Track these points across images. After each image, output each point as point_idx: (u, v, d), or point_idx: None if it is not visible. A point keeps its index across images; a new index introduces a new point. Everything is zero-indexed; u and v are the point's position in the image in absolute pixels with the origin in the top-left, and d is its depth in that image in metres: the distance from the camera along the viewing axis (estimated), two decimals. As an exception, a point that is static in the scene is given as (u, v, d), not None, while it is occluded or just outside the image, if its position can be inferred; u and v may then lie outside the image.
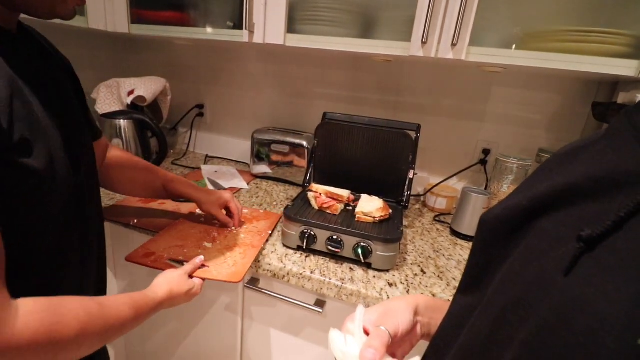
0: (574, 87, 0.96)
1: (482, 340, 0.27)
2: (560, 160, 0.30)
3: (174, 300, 0.56)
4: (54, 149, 0.41)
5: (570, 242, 0.22)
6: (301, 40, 0.88)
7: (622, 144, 0.25)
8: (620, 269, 0.19)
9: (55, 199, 0.42)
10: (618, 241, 0.20)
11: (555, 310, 0.21)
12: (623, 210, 0.20)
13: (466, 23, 0.72)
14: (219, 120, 1.40)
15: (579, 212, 0.24)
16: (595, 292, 0.19)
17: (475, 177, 1.10)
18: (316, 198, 0.79)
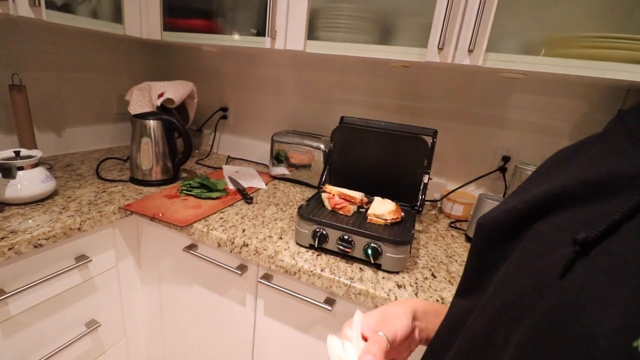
0: (600, 94, 0.93)
1: (478, 341, 0.27)
2: (556, 164, 0.30)
3: None
4: None
5: (565, 245, 0.23)
6: (320, 46, 0.91)
7: (616, 147, 0.26)
8: (614, 273, 0.20)
9: None
10: (613, 244, 0.21)
11: (550, 313, 0.21)
12: (618, 213, 0.21)
13: (483, 29, 0.72)
14: (241, 123, 1.45)
15: (575, 216, 0.24)
16: (589, 296, 0.20)
17: (494, 185, 1.08)
18: (329, 199, 0.81)
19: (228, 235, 0.78)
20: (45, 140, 1.16)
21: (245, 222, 0.85)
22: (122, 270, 0.93)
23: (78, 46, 1.19)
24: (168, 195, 0.95)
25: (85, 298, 0.85)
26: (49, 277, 0.74)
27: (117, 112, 1.38)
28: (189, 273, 0.90)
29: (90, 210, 0.81)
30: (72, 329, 0.84)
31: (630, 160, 0.23)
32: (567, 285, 0.22)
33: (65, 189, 0.91)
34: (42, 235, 0.70)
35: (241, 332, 0.87)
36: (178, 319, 0.98)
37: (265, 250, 0.73)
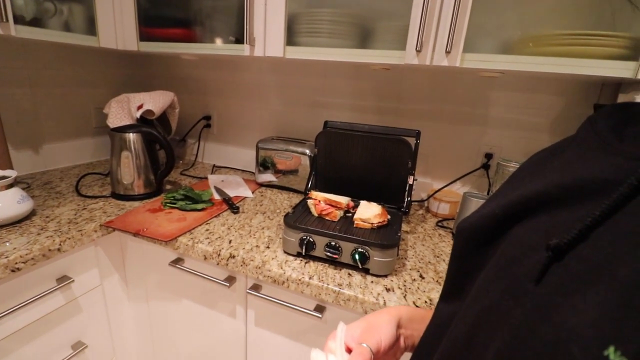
0: (576, 89, 0.95)
1: (459, 347, 0.27)
2: (532, 168, 0.31)
3: None
4: None
5: (541, 250, 0.23)
6: (300, 52, 0.91)
7: (588, 151, 0.26)
8: (586, 278, 0.20)
9: None
10: (585, 250, 0.21)
11: (526, 319, 0.21)
12: (588, 219, 0.21)
13: (459, 30, 0.73)
14: (225, 131, 1.44)
15: (550, 220, 0.25)
16: (563, 302, 0.20)
17: (478, 182, 1.10)
18: (315, 205, 0.80)
19: (214, 247, 0.76)
20: (22, 159, 1.12)
21: (232, 232, 0.84)
22: (107, 289, 0.91)
23: (52, 60, 1.16)
24: (151, 209, 0.93)
25: (69, 319, 0.83)
26: (30, 300, 0.71)
27: (96, 126, 1.34)
28: (176, 287, 0.89)
29: (70, 229, 0.79)
30: (58, 352, 0.81)
31: (601, 164, 0.23)
32: (542, 290, 0.22)
33: (44, 209, 0.88)
34: (19, 258, 0.67)
35: (233, 344, 0.85)
36: (168, 335, 0.96)
37: (253, 261, 0.72)
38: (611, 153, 0.23)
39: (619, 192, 0.20)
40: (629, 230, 0.19)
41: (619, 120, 0.26)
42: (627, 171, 0.21)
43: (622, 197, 0.20)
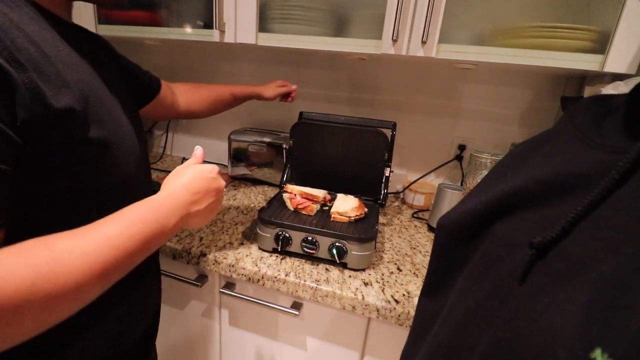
0: (543, 82, 0.98)
1: (444, 350, 0.27)
2: (512, 163, 0.30)
3: (199, 204, 0.45)
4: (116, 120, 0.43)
5: (523, 248, 0.22)
6: (273, 39, 0.87)
7: (567, 145, 0.25)
8: (571, 276, 0.19)
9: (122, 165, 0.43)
10: (568, 246, 0.20)
11: (511, 320, 0.21)
12: (570, 215, 0.20)
13: (435, 20, 0.72)
14: (195, 122, 1.37)
15: (532, 216, 0.24)
16: (548, 302, 0.19)
17: (452, 173, 1.11)
18: (291, 199, 0.78)
19: (184, 245, 0.72)
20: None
21: (203, 229, 0.80)
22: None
23: None
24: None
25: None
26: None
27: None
28: (144, 288, 0.83)
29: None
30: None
31: (581, 159, 0.23)
32: (526, 290, 0.21)
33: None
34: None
35: (207, 345, 0.82)
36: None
37: (226, 259, 0.69)
38: (590, 147, 0.23)
39: (601, 186, 0.20)
40: (610, 226, 0.19)
41: (596, 113, 0.25)
42: (607, 165, 0.20)
43: (603, 192, 0.19)
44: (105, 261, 0.32)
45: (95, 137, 0.38)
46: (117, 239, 0.34)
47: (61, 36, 0.39)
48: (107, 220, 0.35)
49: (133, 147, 0.46)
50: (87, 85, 0.39)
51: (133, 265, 0.36)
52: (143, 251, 0.37)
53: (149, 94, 0.68)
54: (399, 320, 0.60)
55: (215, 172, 0.49)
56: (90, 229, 0.34)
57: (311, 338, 0.71)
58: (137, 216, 0.37)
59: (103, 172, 0.40)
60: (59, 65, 0.35)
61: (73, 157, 0.37)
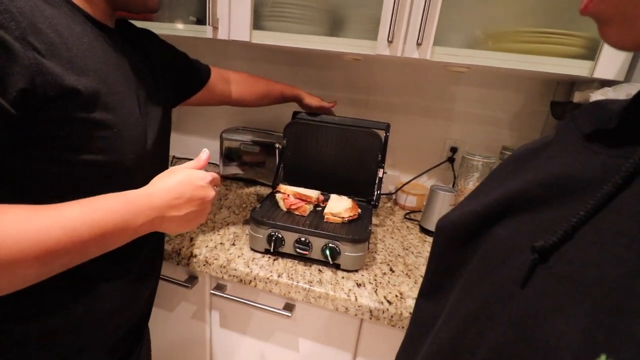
0: (534, 87, 0.99)
1: (444, 354, 0.26)
2: (513, 166, 0.30)
3: (177, 210, 0.44)
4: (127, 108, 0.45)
5: (525, 251, 0.22)
6: (267, 37, 0.85)
7: (569, 148, 0.25)
8: (574, 280, 0.19)
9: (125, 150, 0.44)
10: (571, 251, 0.20)
11: (513, 325, 0.21)
12: (573, 219, 0.20)
13: (430, 23, 0.73)
14: (187, 120, 1.34)
15: (533, 220, 0.24)
16: (552, 307, 0.19)
17: (444, 175, 1.12)
18: (284, 199, 0.77)
19: (173, 246, 0.71)
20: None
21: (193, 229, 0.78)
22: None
23: None
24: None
25: None
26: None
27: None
28: (132, 289, 0.81)
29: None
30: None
31: (583, 162, 0.23)
32: (529, 294, 0.21)
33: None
34: None
35: (197, 347, 0.80)
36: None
37: (217, 260, 0.68)
38: (593, 151, 0.23)
39: (604, 190, 0.19)
40: (614, 230, 0.19)
41: (599, 117, 0.25)
42: (610, 169, 0.20)
43: (606, 196, 0.19)
44: (50, 242, 0.32)
45: (96, 119, 0.40)
46: (74, 221, 0.34)
47: (94, 34, 0.43)
48: (73, 203, 0.36)
49: (137, 137, 0.46)
50: (101, 75, 0.41)
51: (86, 256, 0.36)
52: (99, 243, 0.36)
53: (197, 84, 0.72)
54: (392, 321, 0.60)
55: (206, 180, 0.48)
56: (53, 207, 0.34)
57: (304, 339, 0.71)
58: (104, 205, 0.37)
59: (99, 151, 0.41)
60: (76, 52, 0.39)
61: (70, 132, 0.39)
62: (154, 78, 0.56)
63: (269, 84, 0.89)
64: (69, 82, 0.37)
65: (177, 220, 0.44)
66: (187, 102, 0.73)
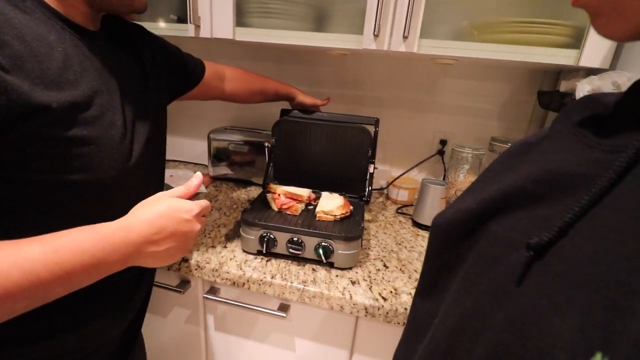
0: (521, 77, 1.00)
1: (441, 353, 0.26)
2: (508, 161, 0.30)
3: (157, 246, 0.40)
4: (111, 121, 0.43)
5: (520, 248, 0.22)
6: (251, 34, 0.84)
7: (563, 143, 0.25)
8: (569, 277, 0.19)
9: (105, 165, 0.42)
10: (566, 247, 0.20)
11: (509, 323, 0.20)
12: (568, 215, 0.20)
13: (416, 15, 0.72)
14: (173, 121, 1.30)
15: (528, 216, 0.24)
16: (547, 305, 0.19)
17: (435, 168, 1.13)
18: (275, 199, 0.76)
19: (163, 251, 0.69)
20: None
21: (184, 233, 0.77)
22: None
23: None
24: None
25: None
26: None
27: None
28: (122, 297, 0.80)
29: None
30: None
31: (577, 157, 0.23)
32: (524, 292, 0.21)
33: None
34: None
35: (192, 352, 0.79)
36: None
37: (209, 264, 0.66)
38: (587, 145, 0.23)
39: (598, 185, 0.19)
40: (609, 226, 0.18)
41: (593, 112, 0.25)
42: (604, 164, 0.20)
43: (601, 191, 0.19)
44: (8, 286, 0.29)
45: (72, 135, 0.38)
46: (34, 263, 0.31)
47: (71, 40, 0.40)
48: (33, 240, 0.33)
49: (120, 151, 0.44)
50: (78, 87, 0.39)
51: (51, 297, 0.33)
52: (64, 284, 0.33)
53: (191, 81, 0.71)
54: (387, 317, 0.60)
55: (192, 213, 0.44)
56: (10, 245, 0.31)
57: (300, 339, 0.70)
58: (70, 243, 0.34)
59: (76, 170, 0.39)
60: (47, 65, 0.36)
61: (43, 151, 0.36)
62: (143, 81, 0.53)
63: (263, 81, 0.87)
64: (38, 98, 0.34)
65: (155, 256, 0.41)
66: (181, 98, 0.72)
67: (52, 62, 0.37)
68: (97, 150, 0.40)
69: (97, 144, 0.40)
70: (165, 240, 0.41)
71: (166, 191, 0.46)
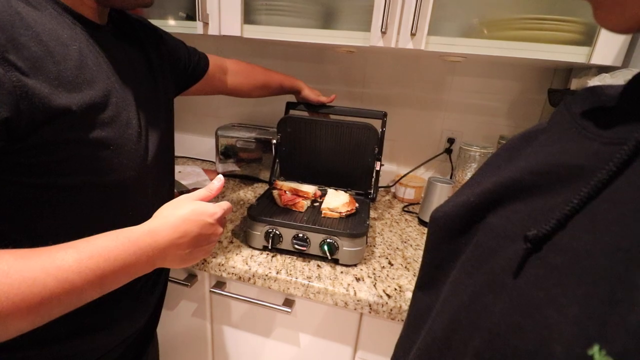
0: (531, 75, 0.98)
1: (438, 345, 0.26)
2: (506, 154, 0.30)
3: (181, 249, 0.41)
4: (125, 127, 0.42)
5: (518, 240, 0.22)
6: (259, 31, 0.84)
7: (563, 135, 0.25)
8: (567, 270, 0.19)
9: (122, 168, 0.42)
10: (564, 240, 0.20)
11: (505, 315, 0.20)
12: (567, 207, 0.20)
13: (424, 12, 0.71)
14: (181, 118, 1.33)
15: (526, 208, 0.23)
16: (544, 297, 0.19)
17: (442, 166, 1.12)
18: (281, 196, 0.76)
19: (171, 245, 0.70)
20: None
21: (191, 228, 0.78)
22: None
23: None
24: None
25: None
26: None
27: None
28: (131, 289, 0.81)
29: None
30: None
31: (577, 149, 0.22)
32: (521, 284, 0.21)
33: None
34: None
35: (199, 345, 0.81)
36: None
37: (215, 258, 0.67)
38: (587, 138, 0.22)
39: (597, 178, 0.19)
40: (608, 219, 0.18)
41: (594, 104, 0.25)
42: (604, 156, 0.20)
43: (600, 184, 0.19)
44: (44, 294, 0.29)
45: (93, 138, 0.37)
46: (68, 271, 0.31)
47: (84, 36, 0.39)
48: (67, 247, 0.33)
49: (138, 151, 0.44)
50: (95, 86, 0.38)
51: (83, 302, 0.33)
52: (96, 289, 0.34)
53: (195, 75, 0.69)
54: (391, 314, 0.60)
55: (215, 217, 0.44)
56: (45, 253, 0.31)
57: (304, 334, 0.71)
58: (102, 249, 0.34)
59: (97, 172, 0.39)
60: (64, 65, 0.35)
61: (64, 156, 0.36)
62: (151, 76, 0.52)
63: (267, 74, 0.86)
64: (59, 101, 0.33)
65: (179, 258, 0.42)
66: (185, 93, 0.71)
67: (68, 61, 0.36)
68: (116, 151, 0.40)
69: (116, 144, 0.40)
70: (189, 243, 0.41)
71: (189, 194, 0.46)
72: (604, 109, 0.24)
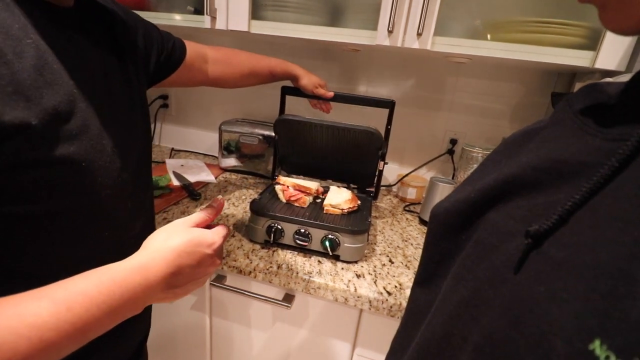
0: (534, 78, 0.99)
1: (437, 339, 0.26)
2: (507, 150, 0.30)
3: (175, 286, 0.36)
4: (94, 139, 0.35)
5: (519, 236, 0.22)
6: (267, 27, 0.84)
7: (564, 131, 0.25)
8: (568, 266, 0.19)
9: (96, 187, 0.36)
10: (565, 235, 0.20)
11: (506, 310, 0.20)
12: (568, 203, 0.20)
13: (431, 12, 0.72)
14: (185, 112, 1.33)
15: (527, 204, 0.24)
16: (544, 292, 0.19)
17: (444, 167, 1.12)
18: (283, 191, 0.77)
19: (173, 237, 0.70)
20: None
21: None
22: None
23: None
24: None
25: None
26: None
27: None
28: (132, 281, 0.82)
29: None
30: None
31: (578, 145, 0.23)
32: (522, 280, 0.21)
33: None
34: None
35: (197, 338, 0.81)
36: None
37: (217, 251, 0.68)
38: (589, 134, 0.23)
39: (600, 174, 0.19)
40: (610, 214, 0.18)
41: (596, 100, 0.25)
42: (606, 152, 0.20)
43: (602, 180, 0.19)
44: (8, 355, 0.24)
45: (58, 156, 0.31)
46: (42, 329, 0.25)
47: (41, 25, 0.32)
48: (41, 296, 0.27)
49: (111, 163, 0.37)
50: (58, 89, 0.31)
51: (64, 354, 0.28)
52: (77, 342, 0.28)
53: (170, 64, 0.60)
54: (391, 311, 0.60)
55: (213, 247, 0.39)
56: (12, 305, 0.26)
57: (303, 330, 0.71)
58: (83, 296, 0.28)
59: (65, 196, 0.33)
60: (19, 67, 0.28)
61: (28, 180, 0.30)
62: (122, 67, 0.44)
63: (253, 59, 0.77)
64: (13, 116, 0.27)
65: (172, 294, 0.37)
66: (159, 84, 0.62)
67: (23, 61, 0.29)
68: (88, 167, 0.34)
69: (88, 160, 0.34)
70: (184, 279, 0.36)
71: (183, 219, 0.40)
72: (605, 106, 0.24)
